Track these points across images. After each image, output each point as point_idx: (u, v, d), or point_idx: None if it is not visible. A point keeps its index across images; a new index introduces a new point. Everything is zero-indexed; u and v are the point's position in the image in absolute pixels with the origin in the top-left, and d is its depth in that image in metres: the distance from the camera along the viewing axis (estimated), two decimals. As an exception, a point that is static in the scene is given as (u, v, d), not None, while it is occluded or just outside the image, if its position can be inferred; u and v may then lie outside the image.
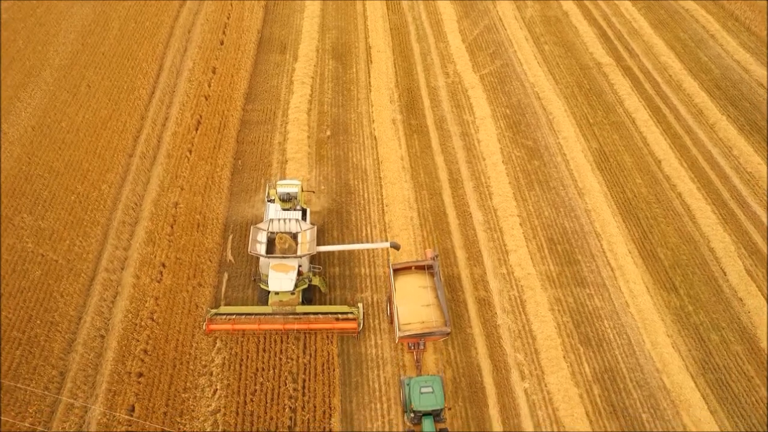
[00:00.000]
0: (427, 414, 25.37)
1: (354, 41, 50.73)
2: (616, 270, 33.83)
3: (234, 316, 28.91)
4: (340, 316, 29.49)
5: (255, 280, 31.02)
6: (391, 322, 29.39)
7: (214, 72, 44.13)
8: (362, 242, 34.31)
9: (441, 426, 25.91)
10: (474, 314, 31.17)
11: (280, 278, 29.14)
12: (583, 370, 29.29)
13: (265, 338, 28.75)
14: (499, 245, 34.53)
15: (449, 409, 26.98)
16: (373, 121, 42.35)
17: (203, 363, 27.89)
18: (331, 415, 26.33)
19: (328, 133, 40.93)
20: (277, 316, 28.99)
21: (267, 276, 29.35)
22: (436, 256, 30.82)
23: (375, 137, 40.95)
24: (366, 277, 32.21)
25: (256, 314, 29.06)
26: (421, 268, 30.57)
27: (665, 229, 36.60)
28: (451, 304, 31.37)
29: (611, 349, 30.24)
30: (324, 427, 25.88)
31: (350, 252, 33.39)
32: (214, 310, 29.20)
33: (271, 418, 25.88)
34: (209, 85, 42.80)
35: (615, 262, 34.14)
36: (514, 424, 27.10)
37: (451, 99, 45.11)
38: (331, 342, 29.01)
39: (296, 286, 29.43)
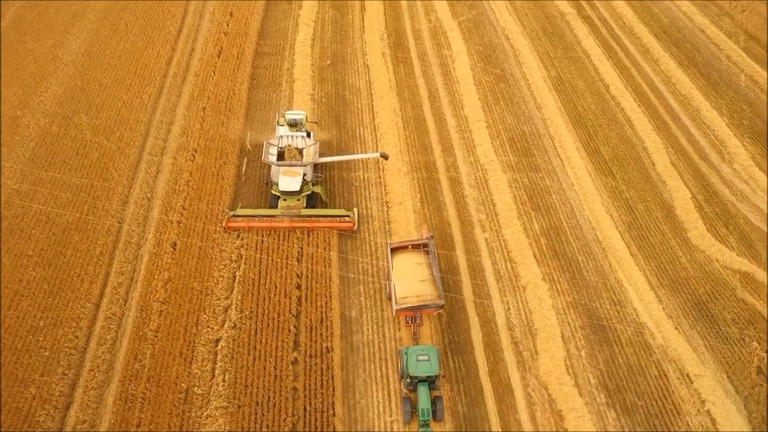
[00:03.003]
0: (422, 381, 26.16)
1: (350, -6, 57.42)
2: (564, 161, 40.29)
3: (251, 217, 33.58)
4: (338, 218, 33.99)
5: (267, 183, 36.90)
6: (390, 298, 30.17)
7: (231, 15, 50.67)
8: (354, 150, 40.07)
9: (435, 393, 26.85)
10: (446, 188, 37.62)
11: (289, 181, 34.60)
12: (533, 227, 35.71)
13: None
14: (468, 142, 40.98)
15: (443, 376, 28.01)
16: (366, 54, 48.88)
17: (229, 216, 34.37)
18: (330, 249, 32.80)
19: (329, 62, 47.47)
20: (285, 218, 33.94)
21: (277, 182, 34.65)
22: (432, 236, 32.24)
23: (367, 65, 47.49)
24: (359, 160, 38.66)
25: (267, 216, 34.06)
26: (417, 247, 31.70)
27: (608, 134, 43.01)
28: (427, 182, 37.93)
29: (557, 214, 36.68)
30: (325, 257, 32.37)
31: (346, 131, 39.76)
32: (232, 212, 34.26)
33: (283, 251, 32.36)
34: (228, 25, 49.38)
35: (564, 155, 40.61)
36: (476, 261, 33.56)
37: (432, 39, 51.63)
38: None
39: (301, 190, 34.64)
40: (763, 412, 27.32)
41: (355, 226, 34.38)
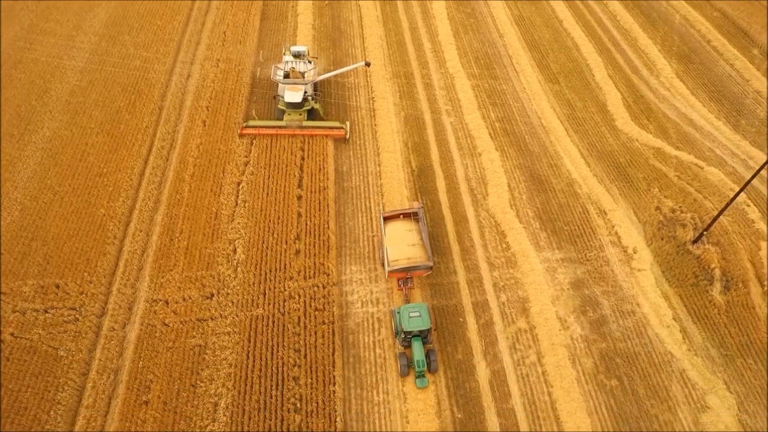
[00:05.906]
0: (415, 336, 27.50)
1: (346, -45, 65.31)
2: (519, 72, 48.05)
3: (261, 127, 40.34)
4: (333, 128, 40.77)
5: (274, 97, 44.40)
6: (383, 262, 31.86)
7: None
8: (347, 65, 47.80)
9: (429, 347, 28.16)
10: (420, 90, 45.36)
11: (293, 95, 42.15)
12: (489, 115, 43.44)
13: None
14: (440, 58, 48.78)
15: (434, 329, 29.54)
16: (358, -3, 57.07)
17: (245, 114, 42.16)
18: (326, 165, 40.43)
19: (326, 2, 55.42)
20: (289, 128, 41.10)
21: (283, 96, 41.69)
22: (422, 206, 35.17)
23: (359, 5, 55.37)
24: (351, 71, 46.49)
25: (275, 126, 41.16)
26: (407, 216, 33.72)
27: (558, 55, 50.77)
28: (405, 85, 45.72)
29: (510, 107, 44.39)
30: (320, 169, 40.04)
31: (341, 51, 47.86)
32: (245, 123, 41.52)
33: (288, 156, 39.99)
34: (241, -26, 57.57)
35: (519, 68, 48.38)
36: (443, 138, 41.24)
37: (415, -13, 59.74)
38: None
39: (302, 104, 41.83)
40: (655, 231, 35.01)
41: (347, 135, 41.41)
